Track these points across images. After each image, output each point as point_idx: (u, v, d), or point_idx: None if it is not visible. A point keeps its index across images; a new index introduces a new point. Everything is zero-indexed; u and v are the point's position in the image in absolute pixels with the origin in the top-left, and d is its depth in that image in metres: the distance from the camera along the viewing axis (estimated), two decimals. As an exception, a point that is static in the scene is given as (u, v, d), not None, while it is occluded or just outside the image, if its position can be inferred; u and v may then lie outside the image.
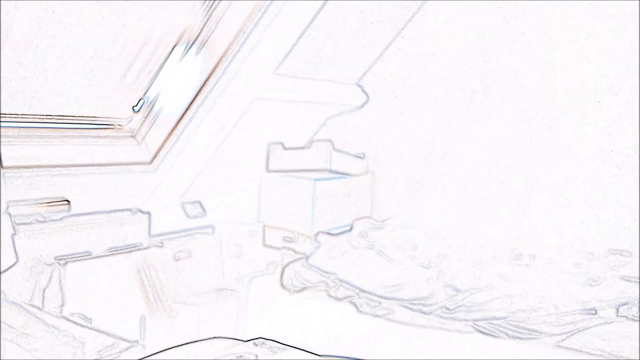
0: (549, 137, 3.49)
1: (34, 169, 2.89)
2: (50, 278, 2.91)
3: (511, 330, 3.07)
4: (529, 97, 3.54)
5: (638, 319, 2.91)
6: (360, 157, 4.09)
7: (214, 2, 3.07)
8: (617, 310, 2.97)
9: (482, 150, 3.70)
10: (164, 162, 3.44)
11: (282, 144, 3.99)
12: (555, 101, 3.46)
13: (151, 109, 3.34)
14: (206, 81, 3.24)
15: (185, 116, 3.33)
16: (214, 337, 2.79)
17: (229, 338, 2.77)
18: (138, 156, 3.38)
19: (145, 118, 3.36)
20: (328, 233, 3.84)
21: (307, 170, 3.94)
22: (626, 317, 2.94)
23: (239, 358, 2.42)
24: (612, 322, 2.93)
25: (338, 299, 3.52)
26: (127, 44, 2.96)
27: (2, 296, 2.66)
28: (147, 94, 3.30)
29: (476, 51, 3.63)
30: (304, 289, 3.65)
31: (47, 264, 2.91)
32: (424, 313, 3.27)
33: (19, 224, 2.85)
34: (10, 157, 2.76)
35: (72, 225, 3.06)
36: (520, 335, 3.04)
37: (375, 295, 3.43)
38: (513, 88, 3.57)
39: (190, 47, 3.19)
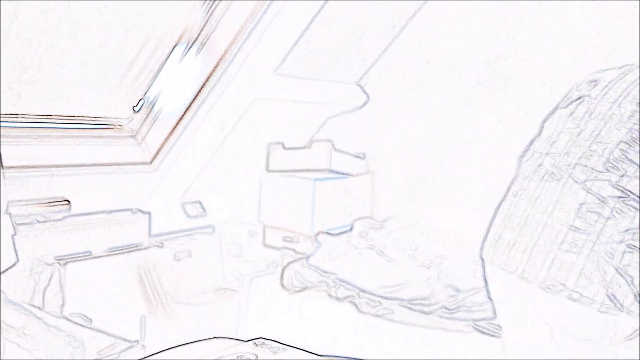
0: (549, 137, 3.49)
1: (34, 169, 2.89)
2: (50, 278, 2.90)
3: (511, 330, 3.06)
4: (529, 97, 3.53)
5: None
6: (360, 157, 4.09)
7: (214, 2, 3.07)
8: (617, 310, 2.96)
9: (483, 150, 3.69)
10: (164, 162, 3.44)
11: (282, 144, 3.98)
12: (555, 101, 3.46)
13: (151, 109, 3.34)
14: (206, 81, 3.24)
15: (185, 116, 3.33)
16: (214, 337, 2.79)
17: (229, 338, 2.77)
18: (138, 156, 3.38)
19: (145, 118, 3.36)
20: (328, 233, 3.84)
21: (307, 170, 3.93)
22: (626, 317, 2.93)
23: (239, 358, 2.42)
24: (612, 322, 2.93)
25: (338, 299, 3.52)
26: (127, 44, 2.96)
27: (2, 296, 2.66)
28: (147, 94, 3.30)
29: (477, 51, 3.63)
30: (304, 289, 3.65)
31: (47, 264, 2.91)
32: (424, 313, 3.27)
33: (19, 224, 2.84)
34: (10, 157, 2.76)
35: (72, 225, 3.06)
36: (521, 335, 3.03)
37: (376, 295, 3.43)
38: (513, 88, 3.57)
39: (190, 47, 3.19)
